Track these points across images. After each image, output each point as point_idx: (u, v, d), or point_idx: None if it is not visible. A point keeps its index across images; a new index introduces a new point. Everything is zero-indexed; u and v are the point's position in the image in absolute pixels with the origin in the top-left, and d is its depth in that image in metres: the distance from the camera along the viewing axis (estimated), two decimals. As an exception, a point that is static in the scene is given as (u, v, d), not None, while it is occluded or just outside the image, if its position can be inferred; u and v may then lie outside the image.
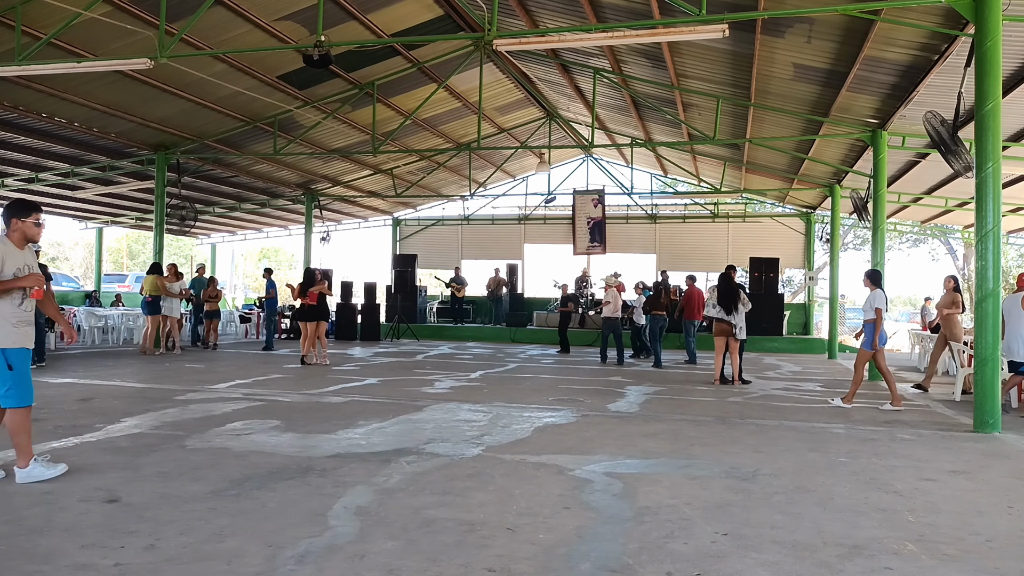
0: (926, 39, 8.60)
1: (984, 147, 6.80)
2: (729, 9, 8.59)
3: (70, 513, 3.75)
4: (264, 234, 28.16)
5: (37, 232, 4.39)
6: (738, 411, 7.82)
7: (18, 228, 4.29)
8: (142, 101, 13.06)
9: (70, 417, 6.51)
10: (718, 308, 10.28)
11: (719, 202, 24.00)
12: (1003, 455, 5.82)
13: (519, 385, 9.85)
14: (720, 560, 3.24)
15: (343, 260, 52.54)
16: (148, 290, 13.72)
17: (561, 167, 24.17)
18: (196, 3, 9.31)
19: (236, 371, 10.82)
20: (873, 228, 11.93)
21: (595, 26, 10.81)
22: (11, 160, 15.73)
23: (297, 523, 3.64)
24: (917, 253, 37.52)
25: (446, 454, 5.29)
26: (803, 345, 18.72)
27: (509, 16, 12.37)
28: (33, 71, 9.66)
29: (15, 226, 4.29)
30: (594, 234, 22.14)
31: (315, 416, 6.91)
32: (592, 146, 19.13)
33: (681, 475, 4.82)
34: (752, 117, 13.77)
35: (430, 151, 18.81)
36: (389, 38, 12.26)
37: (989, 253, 6.78)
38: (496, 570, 3.08)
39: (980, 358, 6.85)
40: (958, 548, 3.47)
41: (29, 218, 4.32)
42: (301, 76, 12.94)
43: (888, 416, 7.68)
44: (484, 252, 24.89)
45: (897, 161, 14.09)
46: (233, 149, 16.25)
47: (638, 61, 12.95)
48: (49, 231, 34.84)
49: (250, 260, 52.27)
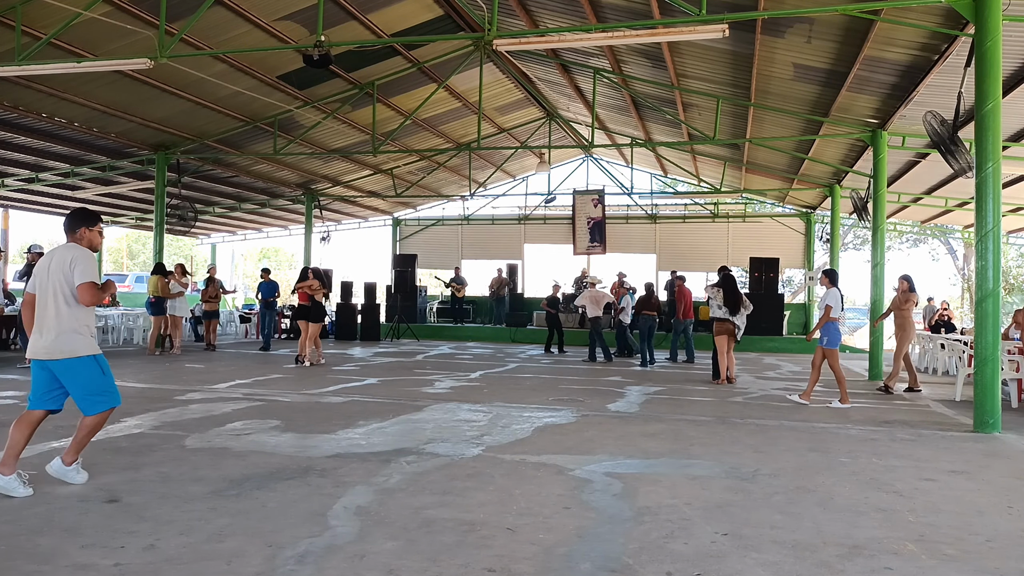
0: (926, 39, 8.60)
1: (984, 147, 6.80)
2: (729, 9, 8.59)
3: (70, 513, 3.75)
4: (264, 234, 28.17)
5: (100, 241, 4.43)
6: (738, 411, 7.82)
7: (85, 236, 4.30)
8: (142, 101, 13.06)
9: (70, 417, 6.50)
10: (724, 309, 10.36)
11: (719, 202, 24.01)
12: (1003, 455, 5.82)
13: (519, 385, 9.85)
14: (720, 560, 3.24)
15: (343, 260, 52.52)
16: (151, 290, 13.80)
17: (561, 167, 24.18)
18: (196, 3, 9.31)
19: (236, 371, 10.81)
20: (873, 228, 11.93)
21: (595, 26, 10.81)
22: (11, 160, 15.74)
23: (297, 523, 3.63)
24: (917, 253, 37.54)
25: (446, 454, 5.29)
26: (803, 345, 18.71)
27: (509, 16, 12.37)
28: (33, 71, 9.66)
29: (83, 235, 4.29)
30: (594, 234, 22.14)
31: (315, 416, 6.91)
32: (592, 146, 19.14)
33: (681, 475, 4.82)
34: (752, 117, 13.77)
35: (430, 151, 18.82)
36: (389, 38, 12.26)
37: (989, 253, 6.77)
38: (496, 570, 3.08)
39: (980, 358, 6.85)
40: (958, 548, 3.47)
41: (95, 227, 4.36)
42: (301, 76, 12.94)
43: (888, 416, 7.68)
44: (484, 252, 24.90)
45: (897, 161, 14.09)
46: (233, 149, 16.25)
47: (638, 61, 12.96)
48: (49, 231, 34.75)
49: (250, 260, 52.27)
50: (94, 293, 4.08)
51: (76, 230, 4.27)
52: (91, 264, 4.17)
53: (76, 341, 4.13)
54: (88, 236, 4.29)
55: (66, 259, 4.11)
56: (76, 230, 4.27)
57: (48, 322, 4.11)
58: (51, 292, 4.10)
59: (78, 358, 4.13)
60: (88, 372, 4.16)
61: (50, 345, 4.10)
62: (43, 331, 4.12)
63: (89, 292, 4.06)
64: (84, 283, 4.05)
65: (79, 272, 4.07)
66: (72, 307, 4.12)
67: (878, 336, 12.02)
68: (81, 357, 4.14)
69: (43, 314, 4.13)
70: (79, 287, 4.06)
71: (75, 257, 4.11)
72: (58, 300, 4.09)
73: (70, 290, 4.09)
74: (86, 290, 4.05)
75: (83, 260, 4.12)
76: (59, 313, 4.10)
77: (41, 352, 4.13)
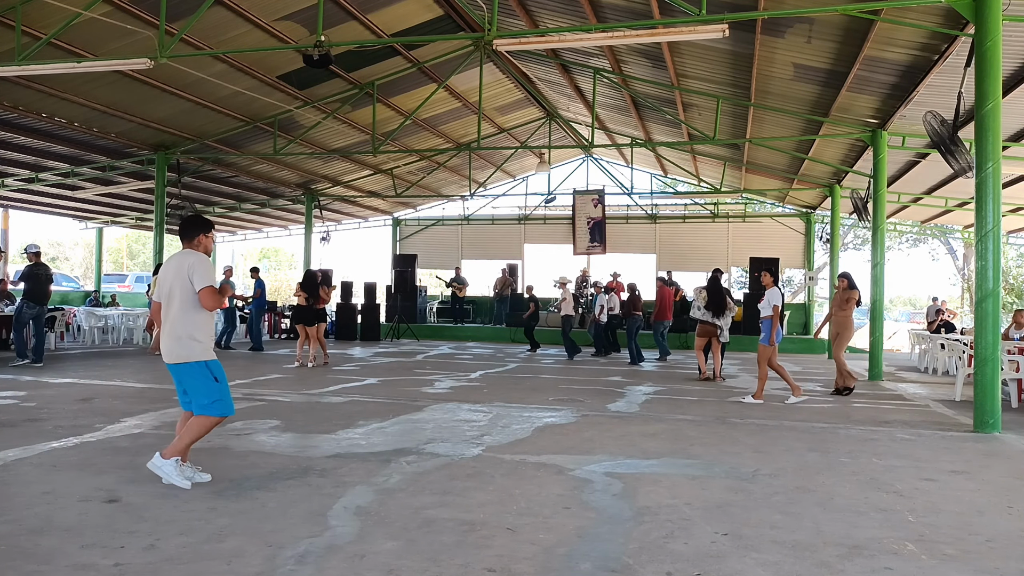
0: (926, 39, 8.60)
1: (984, 147, 6.80)
2: (729, 9, 8.59)
3: (70, 513, 3.75)
4: (264, 234, 28.16)
5: (212, 246, 4.63)
6: (738, 411, 7.82)
7: (202, 243, 4.46)
8: (142, 101, 13.06)
9: (70, 417, 6.51)
10: (703, 311, 10.67)
11: (719, 202, 24.00)
12: (1003, 455, 5.82)
13: (519, 385, 9.85)
14: (720, 560, 3.24)
15: (343, 260, 52.51)
16: None
17: (561, 167, 24.17)
18: (196, 3, 9.31)
19: (236, 371, 10.81)
20: (873, 228, 11.93)
21: (595, 26, 10.81)
22: (11, 160, 15.74)
23: (297, 523, 3.63)
24: (917, 253, 37.55)
25: (446, 454, 5.29)
26: (803, 345, 18.71)
27: (509, 16, 12.37)
28: (33, 71, 9.65)
29: (200, 240, 4.45)
30: (594, 234, 22.13)
31: (315, 416, 6.91)
32: (592, 146, 19.14)
33: (681, 475, 4.82)
34: (752, 117, 13.77)
35: (430, 151, 18.82)
36: (389, 38, 12.26)
37: (989, 253, 6.77)
38: (496, 570, 3.08)
39: (980, 358, 6.85)
40: (958, 548, 3.47)
41: (211, 233, 4.53)
42: (301, 76, 12.94)
43: (888, 416, 7.68)
44: (484, 252, 24.91)
45: (897, 161, 14.09)
46: (233, 149, 16.25)
47: (638, 61, 12.96)
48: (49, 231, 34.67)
49: (250, 260, 52.21)
50: (215, 297, 4.24)
51: (195, 236, 4.43)
52: (209, 269, 4.34)
53: (190, 346, 4.27)
54: (204, 242, 4.47)
55: (184, 265, 4.27)
56: (195, 236, 4.43)
57: (168, 327, 4.29)
58: (171, 297, 4.29)
59: (191, 363, 4.28)
60: (201, 377, 4.29)
61: (169, 349, 4.29)
62: (165, 335, 4.31)
63: (210, 296, 4.22)
64: (205, 288, 4.21)
65: (199, 277, 4.22)
66: (188, 312, 4.26)
67: (878, 336, 12.01)
68: (194, 362, 4.28)
69: (165, 319, 4.33)
70: (200, 292, 4.21)
71: (193, 263, 4.27)
72: (177, 305, 4.26)
73: (188, 295, 4.24)
74: (207, 295, 4.21)
75: (201, 265, 4.28)
76: (177, 318, 4.26)
77: (164, 355, 4.34)
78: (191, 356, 4.26)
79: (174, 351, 4.26)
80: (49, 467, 4.71)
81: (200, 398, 4.29)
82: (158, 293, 4.43)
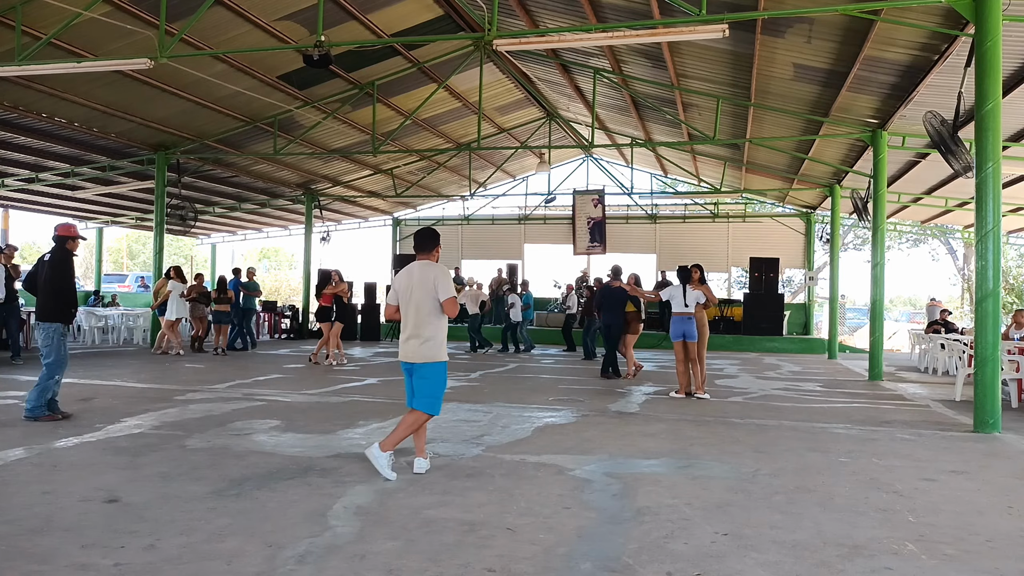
0: (926, 39, 8.60)
1: (984, 147, 6.79)
2: (729, 9, 8.59)
3: (70, 513, 3.75)
4: (264, 234, 28.15)
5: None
6: (738, 411, 7.82)
7: (437, 254, 4.85)
8: (142, 101, 13.06)
9: (70, 417, 6.51)
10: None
11: (719, 202, 24.00)
12: (1003, 455, 5.81)
13: (519, 385, 9.85)
14: (720, 560, 3.24)
15: (343, 260, 52.53)
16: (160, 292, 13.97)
17: (561, 167, 24.16)
18: (196, 3, 9.31)
19: (236, 371, 10.81)
20: (873, 228, 11.92)
21: (595, 26, 10.80)
22: (11, 160, 15.73)
23: (297, 523, 3.63)
24: (917, 253, 37.54)
25: (446, 454, 5.29)
26: (803, 345, 18.72)
27: (509, 16, 12.37)
28: (33, 71, 9.65)
29: (436, 252, 4.84)
30: (594, 234, 22.13)
31: (315, 416, 6.91)
32: (592, 146, 19.12)
33: (681, 475, 4.82)
34: (752, 117, 13.76)
35: (430, 151, 18.81)
36: (389, 38, 12.25)
37: (989, 253, 6.77)
38: (496, 570, 3.08)
39: (980, 358, 6.84)
40: (958, 548, 3.47)
41: (440, 245, 4.91)
42: (301, 76, 12.94)
43: (888, 416, 7.68)
44: (484, 252, 24.90)
45: (897, 161, 14.09)
46: (233, 149, 16.24)
47: (638, 61, 12.95)
48: (49, 231, 34.60)
49: (250, 260, 52.22)
50: (457, 306, 4.71)
51: (432, 249, 4.81)
52: (451, 280, 4.75)
53: (438, 348, 4.69)
54: (438, 253, 4.86)
55: (429, 276, 4.65)
56: (432, 249, 4.81)
57: (414, 330, 4.66)
58: (416, 305, 4.65)
59: (435, 363, 4.68)
60: (438, 375, 4.71)
61: (414, 350, 4.67)
62: (410, 338, 4.68)
63: (454, 305, 4.67)
64: (449, 298, 4.64)
65: (443, 289, 4.64)
66: (435, 318, 4.66)
67: (878, 336, 12.01)
68: (439, 362, 4.70)
69: (407, 323, 4.69)
70: (445, 302, 4.64)
71: (437, 275, 4.67)
72: (423, 312, 4.64)
73: (434, 304, 4.64)
74: (452, 304, 4.66)
75: (444, 277, 4.70)
76: (426, 323, 4.64)
77: (408, 356, 4.70)
78: (436, 356, 4.67)
79: (419, 351, 4.65)
80: (49, 467, 4.71)
81: (426, 395, 4.67)
82: (394, 297, 4.82)
